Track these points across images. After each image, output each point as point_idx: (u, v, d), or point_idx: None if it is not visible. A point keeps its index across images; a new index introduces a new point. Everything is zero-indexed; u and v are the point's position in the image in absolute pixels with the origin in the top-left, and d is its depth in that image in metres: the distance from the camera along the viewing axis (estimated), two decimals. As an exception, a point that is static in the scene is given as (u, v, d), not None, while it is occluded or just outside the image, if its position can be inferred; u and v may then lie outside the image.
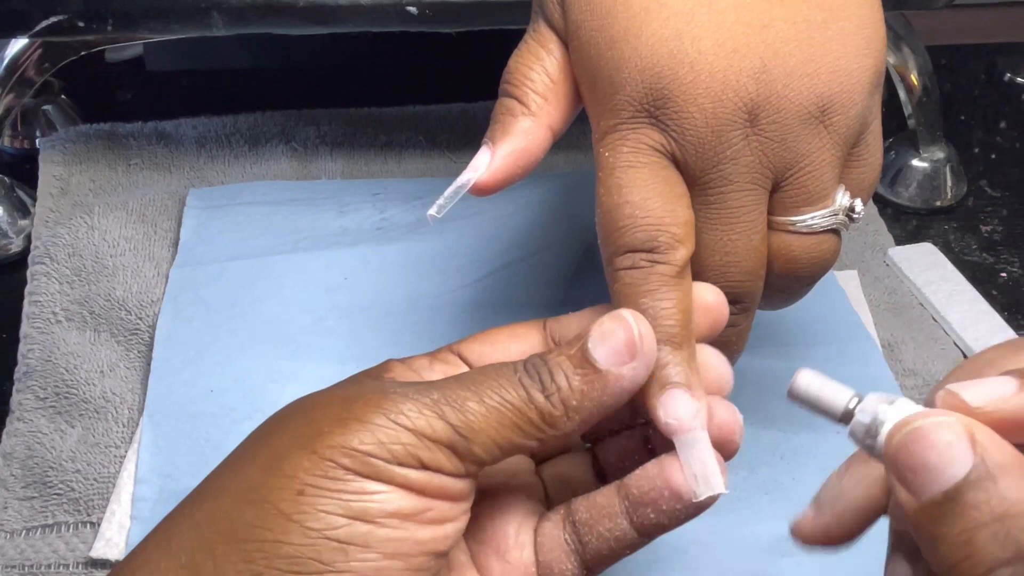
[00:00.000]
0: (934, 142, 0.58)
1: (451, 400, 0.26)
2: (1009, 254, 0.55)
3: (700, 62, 0.30)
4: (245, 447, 0.28)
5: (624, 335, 0.27)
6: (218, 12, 0.47)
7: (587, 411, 0.27)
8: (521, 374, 0.27)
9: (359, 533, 0.25)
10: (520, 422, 0.27)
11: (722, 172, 0.31)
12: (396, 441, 0.26)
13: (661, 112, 0.30)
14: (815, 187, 0.32)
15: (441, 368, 0.31)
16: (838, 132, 0.31)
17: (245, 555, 0.25)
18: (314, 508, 0.25)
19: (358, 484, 0.25)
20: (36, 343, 0.46)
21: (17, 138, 0.59)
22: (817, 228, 0.32)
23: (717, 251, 0.32)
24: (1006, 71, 0.69)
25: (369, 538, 0.25)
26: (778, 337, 0.47)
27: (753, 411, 0.43)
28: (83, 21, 0.47)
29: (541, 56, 0.33)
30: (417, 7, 0.47)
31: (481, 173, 0.31)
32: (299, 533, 0.25)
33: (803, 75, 0.30)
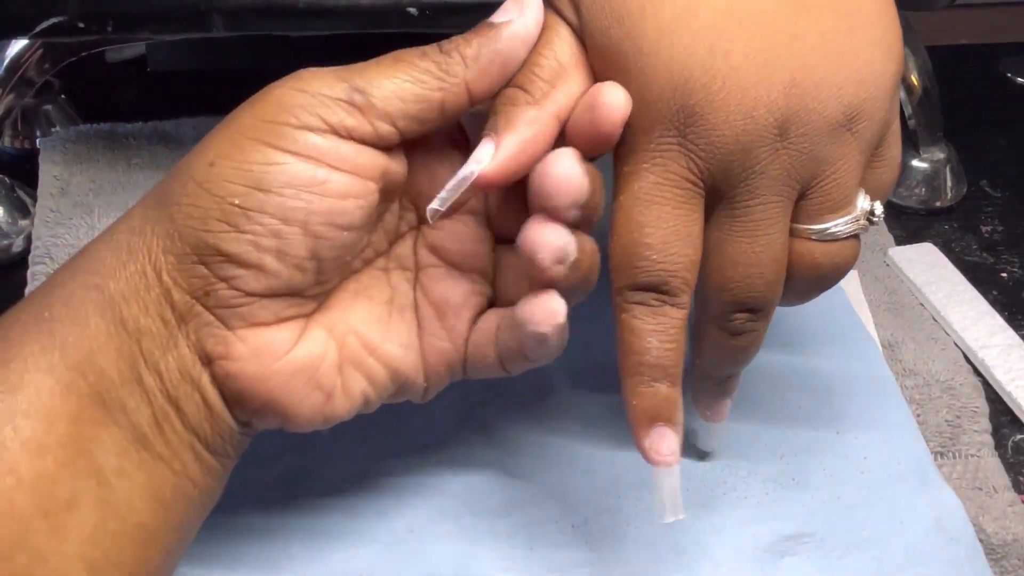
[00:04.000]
0: (934, 142, 0.58)
1: (353, 69, 0.29)
2: (1009, 254, 0.55)
3: (732, 78, 0.29)
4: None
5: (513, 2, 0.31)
6: (218, 13, 0.47)
7: (484, 59, 0.30)
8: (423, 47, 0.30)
9: (258, 200, 0.28)
10: (417, 72, 0.29)
11: (749, 186, 0.30)
12: (297, 104, 0.28)
13: (691, 130, 0.30)
14: (840, 195, 0.32)
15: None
16: (863, 139, 0.31)
17: (168, 215, 0.29)
18: (220, 177, 0.28)
19: (261, 154, 0.28)
20: (36, 343, 0.46)
21: (17, 138, 0.59)
22: (840, 235, 0.32)
23: (741, 263, 0.31)
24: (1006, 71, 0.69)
25: (266, 205, 0.28)
26: (778, 337, 0.47)
27: (753, 411, 0.43)
28: (83, 22, 0.47)
29: (550, 40, 0.31)
30: (417, 8, 0.47)
31: (485, 166, 0.30)
32: (207, 198, 0.28)
33: (832, 86, 0.30)
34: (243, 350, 0.29)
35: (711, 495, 0.40)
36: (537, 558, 0.38)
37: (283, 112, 0.28)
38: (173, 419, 0.29)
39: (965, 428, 0.44)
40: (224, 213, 0.28)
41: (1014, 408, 0.45)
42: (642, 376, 0.31)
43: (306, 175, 0.28)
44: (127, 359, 0.28)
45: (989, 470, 0.42)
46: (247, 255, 0.28)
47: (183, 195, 0.29)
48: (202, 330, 0.29)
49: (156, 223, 0.29)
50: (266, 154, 0.28)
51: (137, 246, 0.29)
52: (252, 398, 0.30)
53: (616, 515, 0.39)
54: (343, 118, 0.29)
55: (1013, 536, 0.39)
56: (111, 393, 0.28)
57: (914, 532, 0.38)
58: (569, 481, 0.40)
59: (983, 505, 0.40)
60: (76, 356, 0.28)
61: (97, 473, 0.28)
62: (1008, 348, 0.47)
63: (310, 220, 0.29)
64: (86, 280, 0.29)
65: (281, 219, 0.28)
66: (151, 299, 0.29)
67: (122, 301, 0.29)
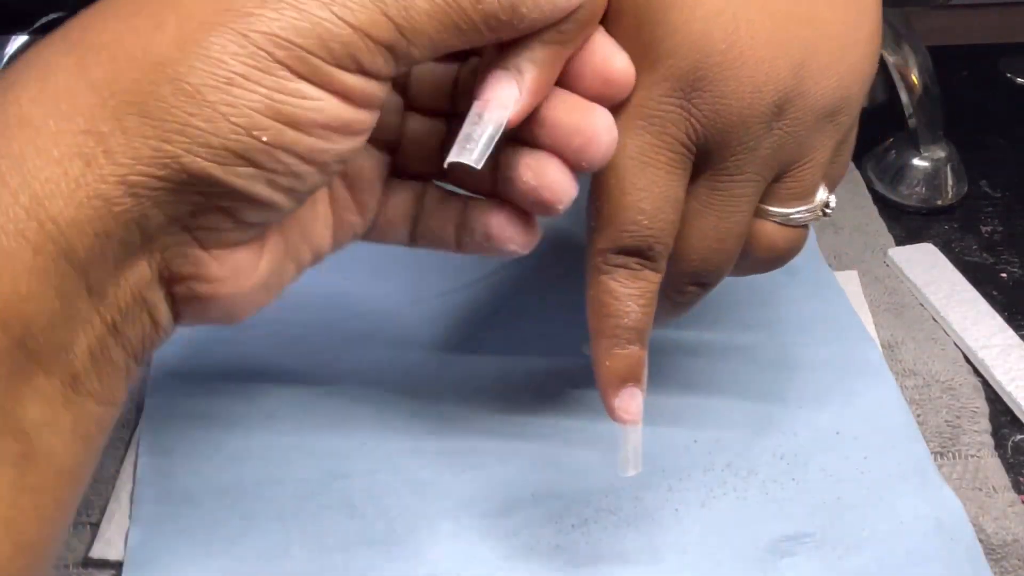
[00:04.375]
0: (934, 142, 0.58)
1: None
2: (1009, 254, 0.55)
3: (750, 49, 0.29)
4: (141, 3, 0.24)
5: None
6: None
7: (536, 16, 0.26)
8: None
9: (287, 139, 0.24)
10: (462, 23, 0.26)
11: (738, 161, 0.30)
12: (336, 39, 0.24)
13: (697, 94, 0.29)
14: (810, 183, 0.32)
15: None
16: (840, 131, 0.31)
17: (162, 135, 0.23)
18: (242, 103, 0.23)
19: (293, 85, 0.24)
20: (35, 342, 0.46)
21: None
22: (799, 222, 0.33)
23: (709, 236, 0.32)
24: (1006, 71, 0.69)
25: (296, 146, 0.24)
26: (778, 337, 0.47)
27: (752, 411, 0.43)
28: (83, 19, 0.47)
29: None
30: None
31: (513, 111, 0.27)
32: (224, 124, 0.23)
33: (833, 75, 0.30)
34: (218, 271, 0.26)
35: (711, 495, 0.40)
36: (537, 558, 0.38)
37: (318, 44, 0.24)
38: (112, 348, 0.26)
39: (965, 428, 0.44)
40: (245, 147, 0.24)
41: (1014, 408, 0.45)
42: (618, 339, 0.31)
43: (342, 118, 0.25)
44: (67, 297, 0.24)
45: (989, 470, 0.42)
46: (260, 193, 0.25)
47: (186, 113, 0.23)
48: (171, 249, 0.25)
49: (133, 135, 0.23)
50: (298, 86, 0.24)
51: (97, 157, 0.23)
52: (213, 312, 0.27)
53: (616, 515, 0.39)
54: (380, 65, 0.25)
55: (1013, 536, 0.39)
56: (40, 339, 0.24)
57: (914, 532, 0.38)
58: (569, 481, 0.40)
59: (983, 505, 0.40)
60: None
61: (14, 431, 0.24)
62: (1008, 348, 0.47)
63: (329, 160, 0.26)
64: (7, 200, 0.23)
65: (306, 160, 0.25)
66: (117, 225, 0.24)
67: (74, 231, 0.23)
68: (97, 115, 0.23)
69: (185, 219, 0.25)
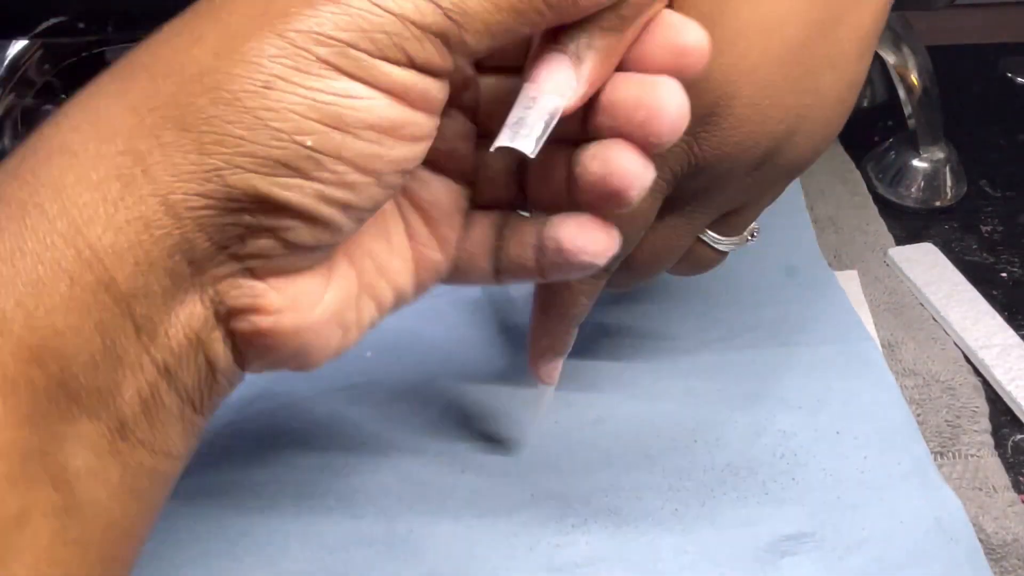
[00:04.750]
0: (934, 142, 0.58)
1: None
2: (1009, 254, 0.55)
3: (763, 103, 0.29)
4: (184, 22, 0.23)
5: None
6: (218, 12, 0.47)
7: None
8: None
9: (334, 143, 0.22)
10: (518, 1, 0.23)
11: (709, 197, 0.32)
12: (380, 29, 0.22)
13: (706, 133, 0.29)
14: (751, 219, 0.35)
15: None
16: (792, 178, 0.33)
17: (201, 147, 0.22)
18: (283, 106, 0.21)
19: (338, 84, 0.22)
20: (36, 343, 0.46)
21: (17, 139, 0.59)
22: (727, 249, 0.35)
23: (659, 249, 0.33)
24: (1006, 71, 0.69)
25: (343, 150, 0.22)
26: (778, 337, 0.47)
27: (753, 411, 0.43)
28: (84, 22, 0.47)
29: None
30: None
31: (569, 101, 0.25)
32: (265, 133, 0.21)
33: (814, 140, 0.31)
34: (278, 302, 0.24)
35: (711, 495, 0.40)
36: (537, 558, 0.38)
37: (361, 36, 0.22)
38: (164, 394, 0.24)
39: (965, 428, 0.44)
40: (288, 155, 0.22)
41: (1014, 408, 0.45)
42: (563, 322, 0.35)
43: (391, 117, 0.23)
44: (109, 333, 0.22)
45: (989, 470, 0.42)
46: (310, 208, 0.23)
47: (224, 122, 0.21)
48: (224, 281, 0.23)
49: (172, 150, 0.22)
50: (344, 84, 0.22)
51: (135, 177, 0.22)
52: (280, 350, 0.25)
53: (616, 515, 0.39)
54: (431, 57, 0.23)
55: (1013, 536, 0.39)
56: (81, 380, 0.22)
57: (914, 532, 0.38)
58: (569, 481, 0.40)
59: (983, 505, 0.40)
60: (29, 340, 0.21)
61: (55, 479, 0.22)
62: (1008, 348, 0.47)
63: (386, 168, 0.23)
64: (44, 228, 0.21)
65: (357, 167, 0.23)
66: (160, 252, 0.22)
67: (113, 258, 0.22)
68: (135, 134, 0.22)
69: (234, 245, 0.23)
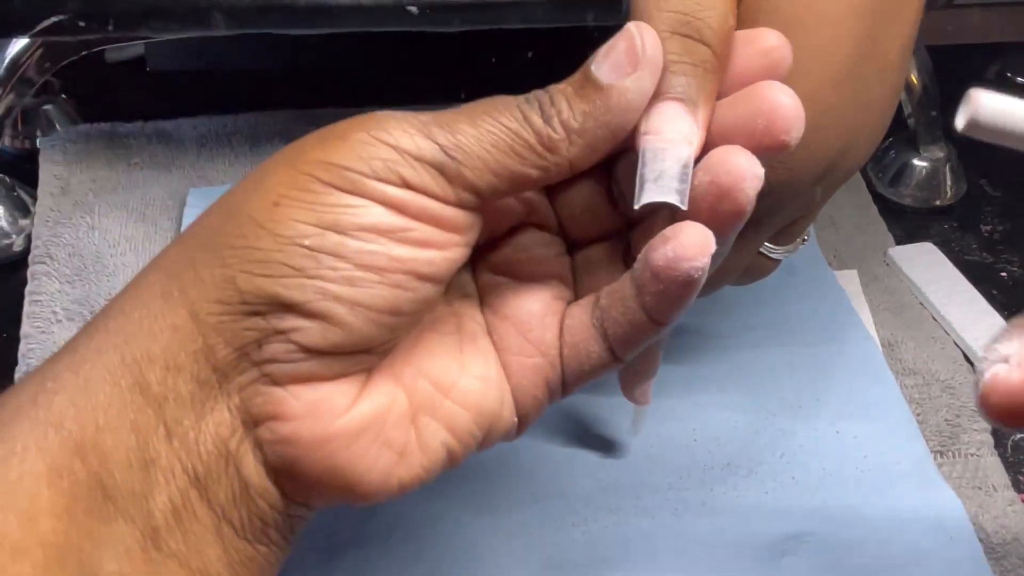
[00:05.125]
0: (934, 141, 0.58)
1: (442, 123, 0.25)
2: (1009, 254, 0.55)
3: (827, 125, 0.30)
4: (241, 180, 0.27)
5: (625, 44, 0.25)
6: (218, 12, 0.47)
7: (591, 134, 0.25)
8: (520, 101, 0.26)
9: (331, 242, 0.24)
10: (517, 146, 0.25)
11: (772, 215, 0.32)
12: (376, 156, 0.25)
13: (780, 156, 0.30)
14: (804, 229, 0.35)
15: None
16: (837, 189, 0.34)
17: (220, 260, 0.25)
18: (286, 217, 0.24)
19: (334, 197, 0.24)
20: (36, 343, 0.46)
21: (17, 138, 0.59)
22: (787, 256, 0.36)
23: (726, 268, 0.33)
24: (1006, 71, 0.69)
25: (341, 248, 0.24)
26: (778, 337, 0.47)
27: (753, 411, 0.43)
28: (84, 21, 0.47)
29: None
30: (418, 7, 0.47)
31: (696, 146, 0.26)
32: (270, 239, 0.24)
33: (865, 152, 0.33)
34: (297, 408, 0.25)
35: (711, 495, 0.40)
36: (537, 558, 0.38)
37: (358, 160, 0.25)
38: (196, 505, 0.25)
39: (965, 427, 0.44)
40: (289, 256, 0.24)
41: (1014, 408, 0.45)
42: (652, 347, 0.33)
43: (387, 220, 0.25)
44: (142, 433, 0.24)
45: (989, 469, 0.42)
46: (313, 304, 0.24)
47: (238, 236, 0.25)
48: (247, 389, 0.25)
49: (201, 267, 0.25)
50: (340, 197, 0.25)
51: (172, 293, 0.25)
52: (309, 466, 0.25)
53: (616, 515, 0.39)
54: (427, 182, 0.25)
55: (1013, 535, 0.39)
56: (116, 477, 0.24)
57: (914, 532, 0.38)
58: (569, 481, 0.40)
59: (983, 504, 0.40)
60: (76, 434, 0.24)
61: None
62: (1008, 348, 0.47)
63: (390, 267, 0.25)
64: (104, 341, 0.25)
65: (357, 264, 0.24)
66: (186, 356, 0.25)
67: (146, 362, 0.24)
68: (179, 259, 0.26)
69: (252, 351, 0.25)
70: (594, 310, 0.28)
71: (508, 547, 0.38)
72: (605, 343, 0.28)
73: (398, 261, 0.25)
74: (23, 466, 0.23)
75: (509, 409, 0.29)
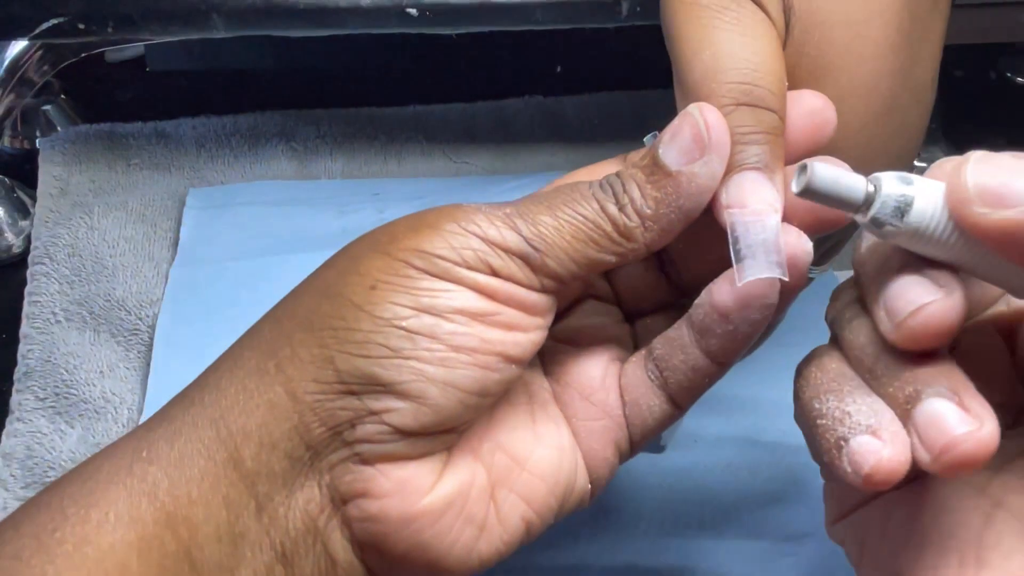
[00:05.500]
0: (934, 142, 0.58)
1: (524, 214, 0.26)
2: (1009, 254, 0.55)
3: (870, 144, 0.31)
4: (329, 260, 0.28)
5: (691, 130, 0.26)
6: (218, 14, 0.47)
7: (664, 219, 0.26)
8: (595, 189, 0.27)
9: (426, 324, 0.25)
10: (595, 235, 0.26)
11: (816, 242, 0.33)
12: (467, 246, 0.26)
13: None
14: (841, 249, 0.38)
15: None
16: None
17: (319, 341, 0.26)
18: (384, 300, 0.25)
19: (428, 282, 0.26)
20: (36, 343, 0.46)
21: (17, 138, 0.59)
22: (819, 275, 0.38)
23: None
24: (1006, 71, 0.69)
25: (436, 329, 0.25)
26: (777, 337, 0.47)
27: (752, 412, 0.43)
28: (83, 23, 0.47)
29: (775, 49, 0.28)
30: (417, 9, 0.47)
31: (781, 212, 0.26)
32: (368, 321, 0.25)
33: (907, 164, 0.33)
34: (386, 486, 0.26)
35: (711, 495, 0.40)
36: (537, 558, 0.38)
37: (450, 250, 0.26)
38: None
39: (964, 428, 0.44)
40: (387, 337, 0.25)
41: (1014, 408, 0.45)
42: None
43: (478, 305, 0.26)
44: (234, 508, 0.25)
45: (988, 470, 0.42)
46: (409, 385, 0.25)
47: (338, 318, 0.26)
48: (338, 467, 0.26)
49: (298, 345, 0.26)
50: (434, 282, 0.26)
51: (270, 372, 0.26)
52: (395, 543, 0.26)
53: (616, 515, 0.39)
54: (513, 270, 0.26)
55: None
56: (205, 551, 0.25)
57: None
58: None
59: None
60: (168, 506, 0.25)
61: None
62: (1008, 348, 0.47)
63: (480, 348, 0.26)
64: (199, 414, 0.26)
65: (450, 346, 0.25)
66: (281, 434, 0.25)
67: (241, 437, 0.25)
68: (276, 338, 0.26)
69: (345, 430, 0.25)
70: (647, 363, 0.29)
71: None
72: (664, 393, 0.29)
73: (488, 343, 0.26)
74: (115, 534, 0.24)
75: (583, 476, 0.29)
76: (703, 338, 0.27)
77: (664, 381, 0.28)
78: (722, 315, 0.26)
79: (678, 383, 0.28)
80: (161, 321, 0.46)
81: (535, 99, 0.59)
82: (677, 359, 0.28)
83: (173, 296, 0.47)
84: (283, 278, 0.48)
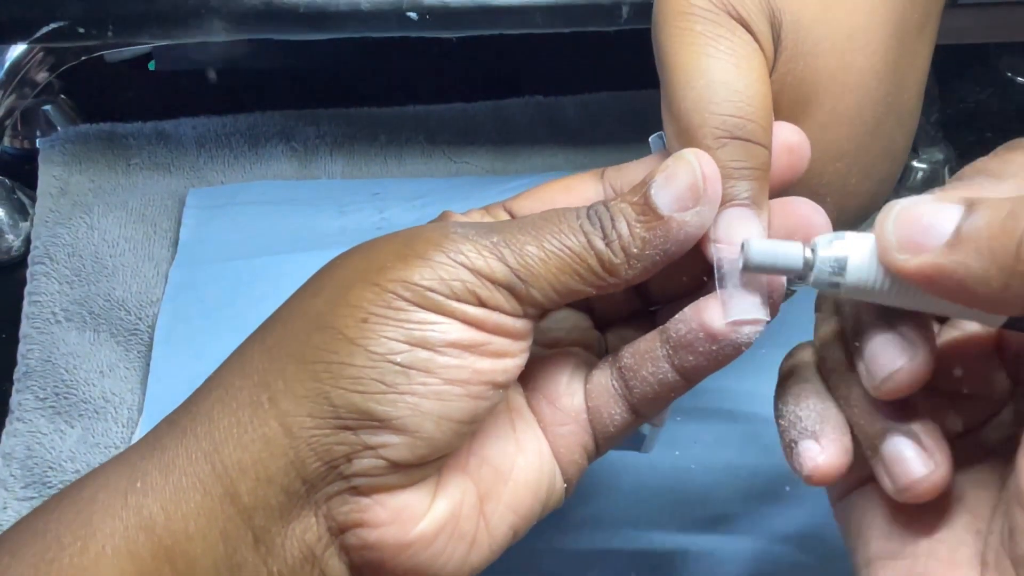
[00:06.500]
0: (933, 143, 0.58)
1: (511, 243, 0.27)
2: (1008, 254, 0.55)
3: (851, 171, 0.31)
4: (311, 282, 0.28)
5: (687, 178, 0.26)
6: (218, 17, 0.47)
7: (649, 259, 0.27)
8: (583, 220, 0.27)
9: (420, 359, 0.25)
10: (579, 268, 0.27)
11: None
12: (455, 278, 0.26)
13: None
14: None
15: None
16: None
17: (313, 375, 0.25)
18: (377, 334, 0.25)
19: (419, 315, 0.26)
20: (36, 343, 0.46)
21: (17, 138, 0.59)
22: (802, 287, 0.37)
23: None
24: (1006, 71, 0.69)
25: (430, 364, 0.26)
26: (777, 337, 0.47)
27: (752, 412, 0.43)
28: (83, 27, 0.47)
29: (762, 76, 0.28)
30: (417, 12, 0.47)
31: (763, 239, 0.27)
32: (363, 356, 0.25)
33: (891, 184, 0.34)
34: (383, 515, 0.26)
35: (711, 496, 0.40)
36: (537, 558, 0.38)
37: (439, 283, 0.26)
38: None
39: (964, 429, 0.44)
40: (382, 372, 0.25)
41: (1013, 409, 0.45)
42: None
43: (468, 336, 0.26)
44: (231, 541, 0.25)
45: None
46: (405, 420, 0.25)
47: (331, 352, 0.25)
48: (335, 499, 0.26)
49: (292, 380, 0.26)
50: (425, 315, 0.26)
51: (263, 405, 0.26)
52: (393, 568, 0.26)
53: (615, 515, 0.39)
54: (499, 300, 0.26)
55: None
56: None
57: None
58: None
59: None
60: (166, 540, 0.25)
61: None
62: (1007, 349, 0.47)
63: (472, 379, 0.26)
64: (193, 446, 0.26)
65: (444, 379, 0.26)
66: (277, 469, 0.25)
67: (238, 473, 0.25)
68: (267, 368, 0.26)
69: (341, 464, 0.26)
70: (612, 371, 0.29)
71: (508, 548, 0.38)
72: (626, 403, 0.29)
73: (479, 373, 0.26)
74: (114, 568, 0.24)
75: (560, 478, 0.29)
76: (678, 353, 0.27)
77: (628, 391, 0.29)
78: (709, 336, 0.27)
79: (643, 394, 0.28)
80: (161, 321, 0.46)
81: (535, 99, 0.59)
82: (646, 371, 0.28)
83: (173, 296, 0.47)
84: (283, 278, 0.48)
